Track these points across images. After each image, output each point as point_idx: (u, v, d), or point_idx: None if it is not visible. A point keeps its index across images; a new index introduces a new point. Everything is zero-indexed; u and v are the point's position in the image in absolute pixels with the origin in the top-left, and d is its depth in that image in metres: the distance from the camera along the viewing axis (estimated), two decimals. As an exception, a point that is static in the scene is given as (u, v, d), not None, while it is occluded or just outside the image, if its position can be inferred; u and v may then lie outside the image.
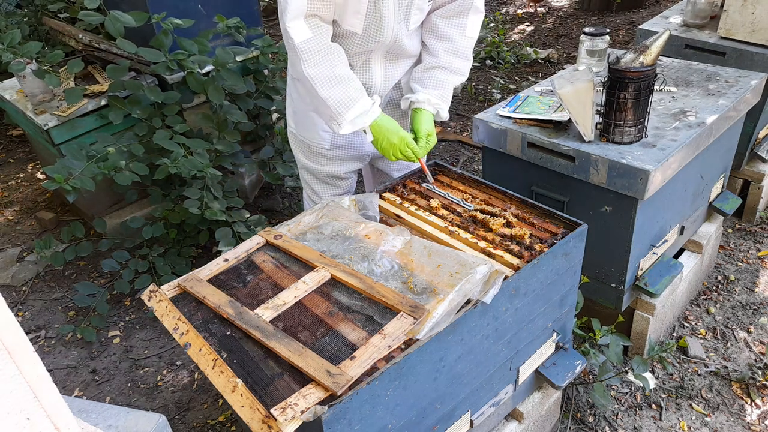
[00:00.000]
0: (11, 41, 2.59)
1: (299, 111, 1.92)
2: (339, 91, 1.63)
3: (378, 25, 1.67)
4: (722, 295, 2.58)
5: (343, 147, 1.95)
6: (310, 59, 1.60)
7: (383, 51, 1.77)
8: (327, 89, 1.63)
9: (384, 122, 1.72)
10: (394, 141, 1.71)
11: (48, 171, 2.36)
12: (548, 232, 1.55)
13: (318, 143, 1.93)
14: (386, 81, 1.85)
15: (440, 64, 1.82)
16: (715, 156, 2.25)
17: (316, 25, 1.60)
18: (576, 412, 2.11)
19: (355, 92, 1.65)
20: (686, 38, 2.70)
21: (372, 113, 1.69)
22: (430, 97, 1.81)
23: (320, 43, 1.60)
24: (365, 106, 1.67)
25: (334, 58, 1.63)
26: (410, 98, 1.84)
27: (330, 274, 1.39)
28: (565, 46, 5.50)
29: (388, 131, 1.71)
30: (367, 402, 1.13)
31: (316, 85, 1.62)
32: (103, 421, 1.39)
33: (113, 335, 2.63)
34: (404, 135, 1.72)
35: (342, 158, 1.97)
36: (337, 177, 2.03)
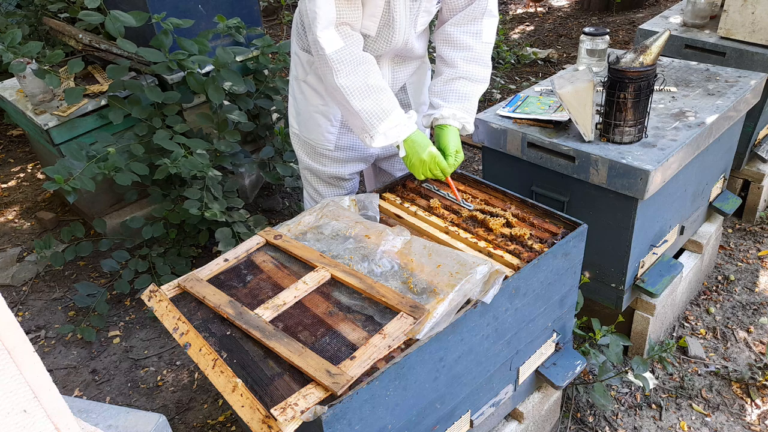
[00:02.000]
0: (11, 41, 2.58)
1: (303, 112, 1.91)
2: (372, 102, 1.57)
3: (390, 29, 1.67)
4: (722, 295, 2.58)
5: (348, 148, 1.94)
6: (343, 69, 1.55)
7: (392, 54, 1.78)
8: (360, 100, 1.57)
9: (417, 137, 1.64)
10: (425, 158, 1.63)
11: (48, 171, 2.36)
12: (548, 232, 1.55)
13: (322, 144, 1.92)
14: (394, 83, 1.85)
15: (461, 74, 1.75)
16: (715, 156, 2.25)
17: (348, 34, 1.56)
18: (576, 412, 2.11)
19: (389, 104, 1.59)
20: (686, 38, 2.70)
21: (407, 127, 1.62)
22: (455, 111, 1.74)
23: (353, 53, 1.56)
24: (399, 118, 1.61)
25: (367, 68, 1.58)
26: (433, 114, 1.76)
27: (330, 274, 1.39)
28: (565, 46, 5.50)
29: (420, 147, 1.63)
30: (367, 402, 1.13)
31: (348, 96, 1.57)
32: (103, 421, 1.39)
33: (113, 335, 2.63)
34: (435, 152, 1.64)
35: (346, 159, 1.97)
36: (340, 178, 2.02)
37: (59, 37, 3.19)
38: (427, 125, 1.81)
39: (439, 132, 1.75)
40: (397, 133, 1.61)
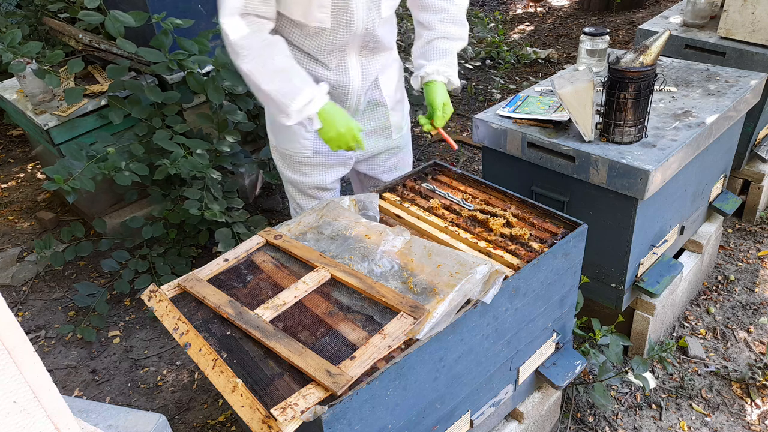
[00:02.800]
0: (11, 41, 2.58)
1: (276, 122, 1.87)
2: (281, 82, 1.59)
3: (347, 16, 1.62)
4: (722, 295, 2.58)
5: (326, 153, 1.90)
6: (248, 54, 1.57)
7: (357, 45, 1.73)
8: (269, 83, 1.58)
9: (331, 109, 1.65)
10: (342, 130, 1.64)
11: (48, 171, 2.36)
12: (548, 232, 1.55)
13: (300, 152, 1.89)
14: (364, 78, 1.80)
15: (439, 35, 1.82)
16: (715, 156, 2.25)
17: (253, 22, 1.57)
18: (576, 412, 2.11)
19: (300, 81, 1.60)
20: (686, 38, 2.70)
21: (319, 100, 1.62)
22: (438, 67, 1.81)
23: (258, 38, 1.57)
24: (312, 94, 1.61)
25: (273, 50, 1.59)
26: (419, 73, 1.84)
27: (330, 274, 1.39)
28: (565, 46, 5.50)
29: (336, 119, 1.64)
30: (367, 402, 1.13)
31: (257, 80, 1.58)
32: (103, 421, 1.39)
33: (113, 335, 2.63)
34: (353, 125, 1.66)
35: (326, 165, 1.93)
36: (322, 188, 1.98)
37: (59, 37, 3.19)
38: (419, 87, 1.88)
39: (426, 89, 1.84)
40: (309, 109, 1.62)
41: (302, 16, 1.60)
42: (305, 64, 1.73)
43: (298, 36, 1.68)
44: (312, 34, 1.66)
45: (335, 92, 1.77)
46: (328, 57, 1.71)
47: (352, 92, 1.80)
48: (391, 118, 1.96)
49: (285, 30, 1.69)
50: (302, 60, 1.72)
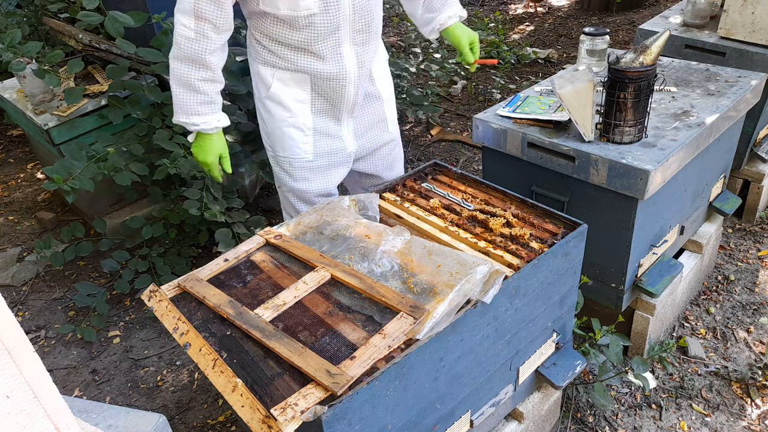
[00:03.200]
0: (11, 41, 2.58)
1: (272, 130, 1.88)
2: (185, 95, 1.69)
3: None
4: (722, 295, 2.58)
5: (327, 153, 1.91)
6: (179, 54, 1.64)
7: (350, 30, 1.72)
8: (177, 86, 1.68)
9: (212, 141, 1.78)
10: (207, 160, 1.80)
11: (48, 171, 2.36)
12: (548, 232, 1.55)
13: (301, 157, 1.89)
14: (360, 68, 1.80)
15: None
16: (715, 156, 2.25)
17: (203, 31, 1.60)
18: (576, 412, 2.11)
19: (199, 107, 1.70)
20: (686, 38, 2.70)
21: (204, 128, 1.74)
22: (447, 12, 1.95)
23: (196, 50, 1.61)
24: (203, 123, 1.73)
25: (198, 70, 1.65)
26: (434, 25, 1.97)
27: (330, 274, 1.39)
28: (565, 46, 5.50)
29: (205, 150, 1.79)
30: (367, 402, 1.13)
31: (171, 75, 1.68)
32: (103, 421, 1.39)
33: (113, 335, 2.63)
34: (212, 162, 1.80)
35: (328, 166, 1.93)
36: (327, 194, 1.97)
37: (59, 37, 3.19)
38: (435, 38, 2.04)
39: (447, 36, 1.99)
40: (193, 129, 1.76)
41: (289, 8, 1.60)
42: (300, 61, 1.73)
43: (288, 33, 1.68)
44: (302, 25, 1.65)
45: (333, 87, 1.78)
46: (322, 46, 1.70)
47: (349, 83, 1.79)
48: (386, 111, 1.99)
49: (273, 31, 1.69)
50: (296, 58, 1.72)
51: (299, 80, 1.78)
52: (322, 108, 1.85)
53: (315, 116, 1.85)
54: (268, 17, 1.66)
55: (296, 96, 1.81)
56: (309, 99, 1.82)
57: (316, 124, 1.86)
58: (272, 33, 1.70)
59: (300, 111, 1.82)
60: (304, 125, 1.85)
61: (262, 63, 1.81)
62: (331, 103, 1.84)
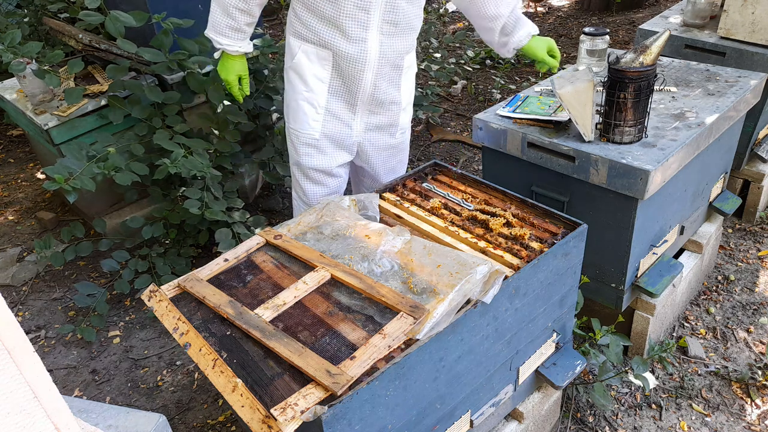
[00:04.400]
0: (11, 41, 2.58)
1: (290, 102, 1.97)
2: (220, 16, 1.86)
3: None
4: (722, 295, 2.58)
5: (333, 137, 1.97)
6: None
7: (379, 20, 1.76)
8: (215, 5, 1.85)
9: (233, 61, 1.98)
10: (227, 77, 2.00)
11: (48, 171, 2.35)
12: (548, 232, 1.55)
13: (308, 133, 1.95)
14: (382, 55, 1.83)
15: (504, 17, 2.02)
16: (715, 156, 2.25)
17: None
18: (576, 412, 2.11)
19: (229, 30, 1.88)
20: (686, 38, 2.70)
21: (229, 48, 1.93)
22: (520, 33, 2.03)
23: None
24: (228, 44, 1.91)
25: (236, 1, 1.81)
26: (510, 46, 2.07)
27: (330, 274, 1.39)
28: (565, 46, 5.50)
29: (227, 68, 1.99)
30: (367, 402, 1.13)
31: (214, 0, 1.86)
32: (103, 421, 1.39)
33: (113, 335, 2.63)
34: (233, 80, 2.00)
35: (332, 148, 1.99)
36: (327, 173, 2.04)
37: (59, 37, 3.18)
38: (512, 56, 2.17)
39: (524, 52, 2.09)
40: (219, 45, 1.93)
41: None
42: (326, 35, 1.78)
43: (323, 1, 1.73)
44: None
45: (351, 71, 1.83)
46: (349, 23, 1.74)
47: (369, 68, 1.83)
48: (400, 118, 2.03)
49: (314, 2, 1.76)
50: (324, 31, 1.78)
51: (323, 57, 1.83)
52: (339, 90, 1.89)
53: (330, 96, 1.90)
54: None
55: (316, 73, 1.86)
56: (328, 78, 1.86)
57: (329, 105, 1.91)
58: (309, 1, 1.76)
59: (317, 88, 1.88)
60: (317, 103, 1.90)
61: (293, 34, 1.88)
62: (348, 87, 1.87)
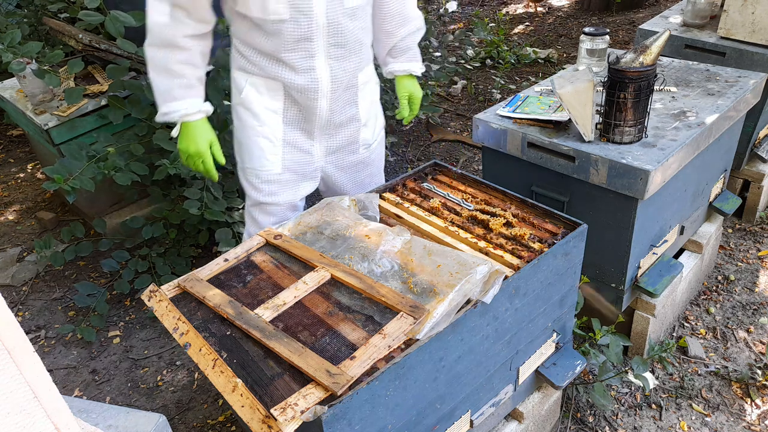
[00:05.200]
0: (11, 41, 2.58)
1: (243, 140, 1.80)
2: (164, 81, 1.64)
3: (305, 3, 1.55)
4: (722, 295, 2.58)
5: (295, 168, 1.83)
6: (154, 41, 1.60)
7: (324, 42, 1.63)
8: (155, 74, 1.64)
9: (194, 129, 1.70)
10: (191, 150, 1.71)
11: (48, 171, 2.36)
12: (548, 232, 1.55)
13: (267, 169, 1.80)
14: (334, 80, 1.71)
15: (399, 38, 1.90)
16: (715, 156, 2.25)
17: (178, 17, 1.56)
18: (576, 412, 2.11)
19: (180, 91, 1.64)
20: (686, 38, 2.70)
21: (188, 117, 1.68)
22: (405, 65, 1.94)
23: (171, 34, 1.58)
24: (184, 108, 1.66)
25: (175, 54, 1.61)
26: (388, 69, 1.97)
27: (330, 274, 1.39)
28: (565, 46, 5.50)
29: (192, 138, 1.70)
30: (367, 402, 1.13)
31: (149, 65, 1.64)
32: (103, 421, 1.39)
33: (113, 335, 2.63)
34: (203, 150, 1.71)
35: (296, 180, 1.85)
36: (293, 207, 1.90)
37: (59, 37, 3.18)
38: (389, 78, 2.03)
39: (396, 85, 2.00)
40: (177, 117, 1.68)
41: (260, 11, 1.55)
42: (272, 69, 1.66)
43: (260, 38, 1.62)
44: (272, 31, 1.59)
45: (304, 100, 1.71)
46: (292, 56, 1.63)
47: (321, 96, 1.70)
48: (361, 134, 1.90)
49: (247, 36, 1.64)
50: (269, 65, 1.66)
51: (272, 88, 1.71)
52: (295, 119, 1.76)
53: (286, 127, 1.77)
54: (245, 20, 1.61)
55: (268, 105, 1.73)
56: (281, 108, 1.74)
57: (286, 136, 1.77)
58: (247, 38, 1.65)
59: (271, 120, 1.75)
60: (273, 136, 1.76)
61: (238, 68, 1.75)
62: (304, 116, 1.76)
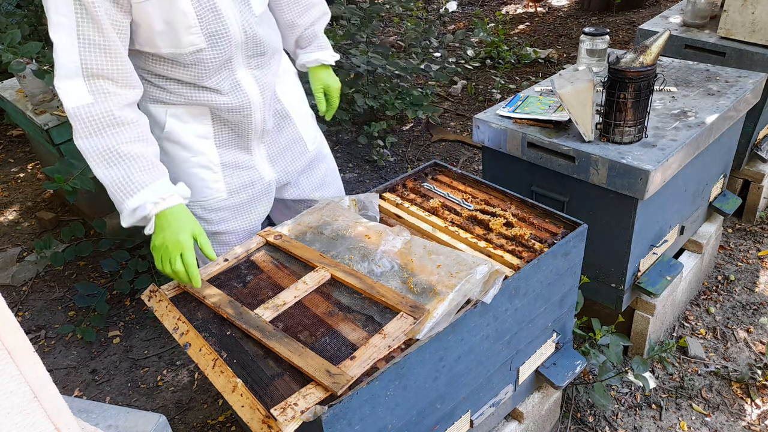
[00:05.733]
0: (11, 41, 2.58)
1: (178, 175, 1.61)
2: (119, 172, 1.32)
3: (220, 26, 1.43)
4: (722, 295, 2.58)
5: (242, 189, 1.69)
6: (84, 130, 1.31)
7: (243, 56, 1.53)
8: (103, 168, 1.33)
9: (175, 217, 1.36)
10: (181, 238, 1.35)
11: (48, 171, 2.36)
12: (548, 232, 1.55)
13: (214, 197, 1.66)
14: (263, 92, 1.61)
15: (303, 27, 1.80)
16: (715, 156, 2.25)
17: (101, 89, 1.31)
18: (576, 412, 2.11)
19: (143, 175, 1.34)
20: (686, 38, 2.70)
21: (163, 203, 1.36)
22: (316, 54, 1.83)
23: (101, 112, 1.31)
24: (157, 193, 1.35)
25: (119, 131, 1.33)
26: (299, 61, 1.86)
27: (330, 274, 1.39)
28: (565, 46, 5.51)
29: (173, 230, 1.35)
30: (367, 402, 1.13)
31: (90, 162, 1.33)
32: (103, 421, 1.39)
33: (113, 335, 2.63)
34: (186, 240, 1.35)
35: (248, 201, 1.72)
36: (250, 231, 1.77)
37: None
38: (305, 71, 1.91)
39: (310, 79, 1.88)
40: (151, 210, 1.35)
41: (173, 46, 1.40)
42: (194, 96, 1.53)
43: (177, 70, 1.47)
44: (190, 62, 1.45)
45: (237, 118, 1.60)
46: (216, 80, 1.51)
47: (255, 110, 1.61)
48: (300, 130, 1.80)
49: (159, 68, 1.48)
50: (193, 94, 1.52)
51: (197, 113, 1.57)
52: (229, 140, 1.64)
53: (221, 150, 1.63)
54: (152, 57, 1.46)
55: (196, 131, 1.59)
56: (211, 132, 1.61)
57: (223, 159, 1.64)
58: (159, 71, 1.49)
59: (203, 147, 1.60)
60: (210, 162, 1.62)
61: (152, 101, 1.56)
62: (238, 133, 1.64)
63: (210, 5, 1.40)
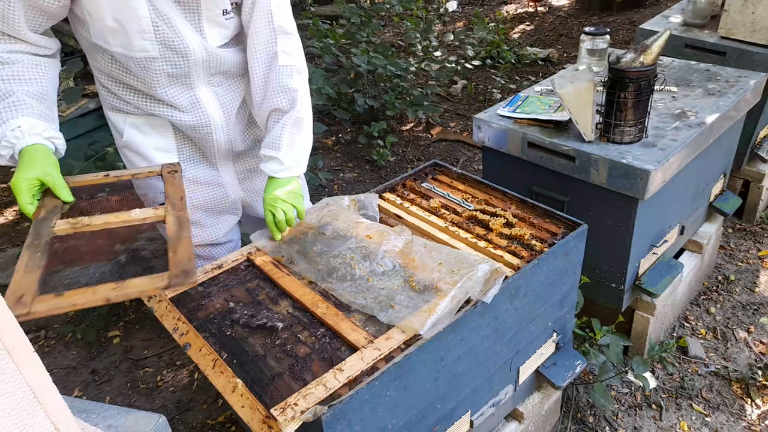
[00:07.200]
0: None
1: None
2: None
3: (178, 40, 1.37)
4: (722, 295, 2.58)
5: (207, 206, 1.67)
6: None
7: (205, 75, 1.47)
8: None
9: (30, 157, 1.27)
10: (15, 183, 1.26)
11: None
12: (548, 232, 1.55)
13: None
14: (226, 111, 1.54)
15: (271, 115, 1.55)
16: (716, 156, 2.25)
17: None
18: (576, 412, 2.11)
19: (6, 112, 1.28)
20: (687, 38, 2.70)
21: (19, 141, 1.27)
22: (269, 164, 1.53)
23: None
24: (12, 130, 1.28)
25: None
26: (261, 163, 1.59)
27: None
28: (565, 46, 5.50)
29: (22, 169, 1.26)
30: (367, 402, 1.13)
31: None
32: (103, 421, 1.39)
33: (113, 335, 2.63)
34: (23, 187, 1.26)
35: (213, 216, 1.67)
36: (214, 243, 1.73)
37: (59, 37, 3.18)
38: None
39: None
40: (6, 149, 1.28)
41: (123, 47, 1.35)
42: (150, 107, 1.48)
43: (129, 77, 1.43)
44: (140, 68, 1.39)
45: (198, 136, 1.55)
46: (171, 93, 1.45)
47: (216, 130, 1.55)
48: None
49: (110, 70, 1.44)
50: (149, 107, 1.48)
51: (158, 125, 1.52)
52: (192, 154, 1.58)
53: (185, 165, 1.57)
54: (104, 53, 1.40)
55: (157, 144, 1.53)
56: (174, 146, 1.55)
57: (187, 174, 1.57)
58: (111, 72, 1.44)
59: (164, 160, 1.54)
60: None
61: (110, 108, 1.53)
62: (199, 148, 1.58)
63: (166, 19, 1.34)
